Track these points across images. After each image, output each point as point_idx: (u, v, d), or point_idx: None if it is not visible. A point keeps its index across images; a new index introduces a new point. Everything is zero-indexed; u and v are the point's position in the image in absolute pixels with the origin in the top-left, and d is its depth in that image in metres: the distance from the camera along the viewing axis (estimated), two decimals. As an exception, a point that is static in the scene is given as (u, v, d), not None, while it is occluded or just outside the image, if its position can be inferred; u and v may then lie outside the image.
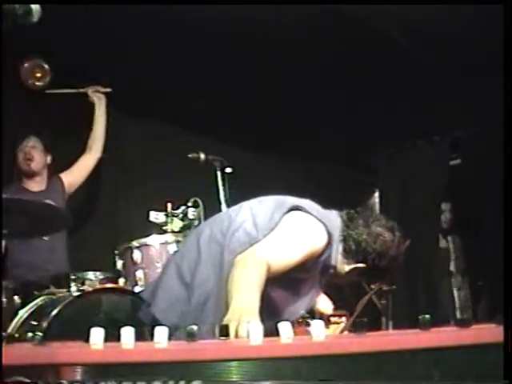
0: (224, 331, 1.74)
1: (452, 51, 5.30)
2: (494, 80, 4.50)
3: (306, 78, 5.64)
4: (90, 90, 5.44)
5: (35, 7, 2.01)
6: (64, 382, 1.48)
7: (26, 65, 5.24)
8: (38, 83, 5.28)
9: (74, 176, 5.33)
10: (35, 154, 5.10)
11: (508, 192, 2.50)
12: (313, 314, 3.41)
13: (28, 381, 1.49)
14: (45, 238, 4.82)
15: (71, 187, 5.29)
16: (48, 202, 4.81)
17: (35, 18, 2.01)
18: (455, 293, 6.86)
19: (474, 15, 4.75)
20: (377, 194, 7.69)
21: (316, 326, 1.75)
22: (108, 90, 5.45)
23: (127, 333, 1.67)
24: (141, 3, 4.49)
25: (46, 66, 5.27)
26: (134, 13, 4.67)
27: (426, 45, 5.31)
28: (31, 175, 5.11)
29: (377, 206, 7.60)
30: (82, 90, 5.41)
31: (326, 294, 3.26)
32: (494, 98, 4.80)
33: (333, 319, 4.46)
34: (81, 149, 5.40)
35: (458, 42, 5.19)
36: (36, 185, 5.13)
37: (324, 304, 3.28)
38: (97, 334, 1.66)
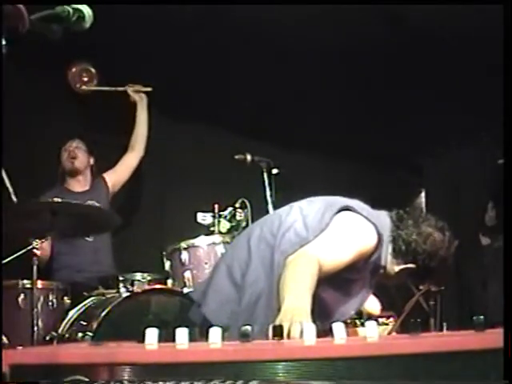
0: (278, 331, 1.75)
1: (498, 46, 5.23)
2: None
3: (352, 78, 5.63)
4: (130, 89, 5.47)
5: (88, 13, 2.03)
6: (125, 382, 1.50)
7: (73, 69, 5.31)
8: (85, 87, 5.35)
9: (118, 175, 5.38)
10: (79, 153, 5.17)
11: (509, 192, 2.46)
12: (360, 314, 3.40)
13: (86, 380, 1.51)
14: (89, 239, 4.88)
15: (115, 187, 5.34)
16: (91, 203, 4.89)
17: (88, 24, 2.04)
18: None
19: None
20: (423, 194, 7.63)
21: (370, 326, 1.75)
22: (148, 89, 5.49)
23: (182, 333, 1.68)
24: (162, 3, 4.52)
25: (93, 70, 5.34)
26: (178, 13, 4.72)
27: (472, 43, 5.25)
28: (74, 174, 5.17)
29: (423, 206, 7.54)
30: (121, 89, 5.46)
31: (374, 294, 3.24)
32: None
33: (380, 320, 4.45)
34: (123, 149, 5.45)
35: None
36: (79, 185, 5.18)
37: (371, 304, 3.26)
38: (151, 334, 1.68)
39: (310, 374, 1.54)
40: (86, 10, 2.06)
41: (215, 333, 1.70)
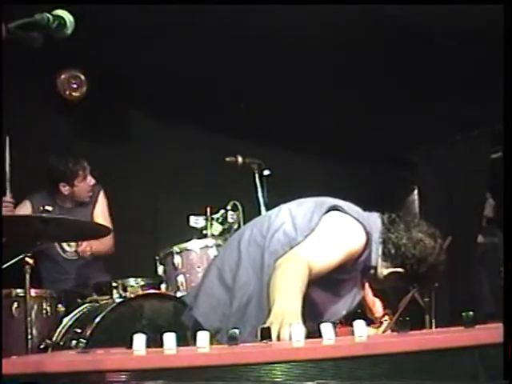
0: (266, 334, 1.74)
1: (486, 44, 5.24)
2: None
3: (342, 76, 5.63)
4: None
5: (69, 20, 2.02)
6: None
7: (62, 76, 5.30)
8: (74, 94, 5.34)
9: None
10: (88, 187, 4.92)
11: (508, 192, 2.47)
12: (361, 314, 3.38)
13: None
14: (73, 257, 4.84)
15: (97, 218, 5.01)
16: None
17: (69, 30, 2.03)
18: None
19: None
20: (416, 192, 7.64)
21: (358, 326, 1.75)
22: None
23: (169, 338, 1.68)
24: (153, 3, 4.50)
25: (83, 77, 5.33)
26: (164, 15, 4.71)
27: (462, 39, 5.26)
28: (78, 202, 4.96)
29: (416, 204, 7.55)
30: None
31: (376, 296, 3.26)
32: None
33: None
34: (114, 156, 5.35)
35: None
36: (70, 204, 4.95)
37: (376, 306, 3.29)
38: (139, 340, 1.67)
39: (298, 375, 1.53)
40: (67, 16, 2.04)
41: (203, 337, 1.70)
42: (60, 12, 2.03)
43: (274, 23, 4.94)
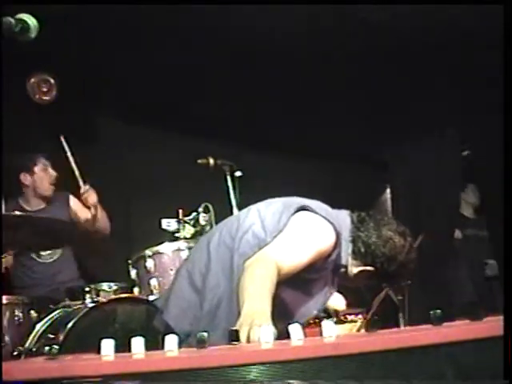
0: (234, 336, 1.74)
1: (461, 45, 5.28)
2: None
3: (313, 77, 5.64)
4: None
5: (33, 23, 2.01)
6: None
7: (32, 80, 5.27)
8: (44, 97, 5.30)
9: (84, 214, 5.10)
10: (49, 178, 4.95)
11: (509, 191, 2.48)
12: (327, 312, 3.39)
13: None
14: (44, 260, 4.81)
15: (76, 215, 5.08)
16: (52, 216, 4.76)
17: (33, 34, 2.02)
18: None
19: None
20: (389, 190, 7.68)
21: (327, 326, 1.75)
22: None
23: (137, 343, 1.67)
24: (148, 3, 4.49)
25: (52, 81, 5.30)
26: (134, 17, 4.70)
27: (437, 40, 5.29)
28: (46, 198, 4.99)
29: (389, 202, 7.58)
30: None
31: (340, 291, 3.24)
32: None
33: (349, 317, 4.45)
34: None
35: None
36: (37, 203, 4.97)
37: (336, 301, 3.26)
38: (107, 345, 1.67)
39: (267, 376, 1.53)
40: (31, 20, 2.04)
41: (171, 340, 1.70)
42: (24, 16, 2.02)
43: (247, 24, 4.95)
